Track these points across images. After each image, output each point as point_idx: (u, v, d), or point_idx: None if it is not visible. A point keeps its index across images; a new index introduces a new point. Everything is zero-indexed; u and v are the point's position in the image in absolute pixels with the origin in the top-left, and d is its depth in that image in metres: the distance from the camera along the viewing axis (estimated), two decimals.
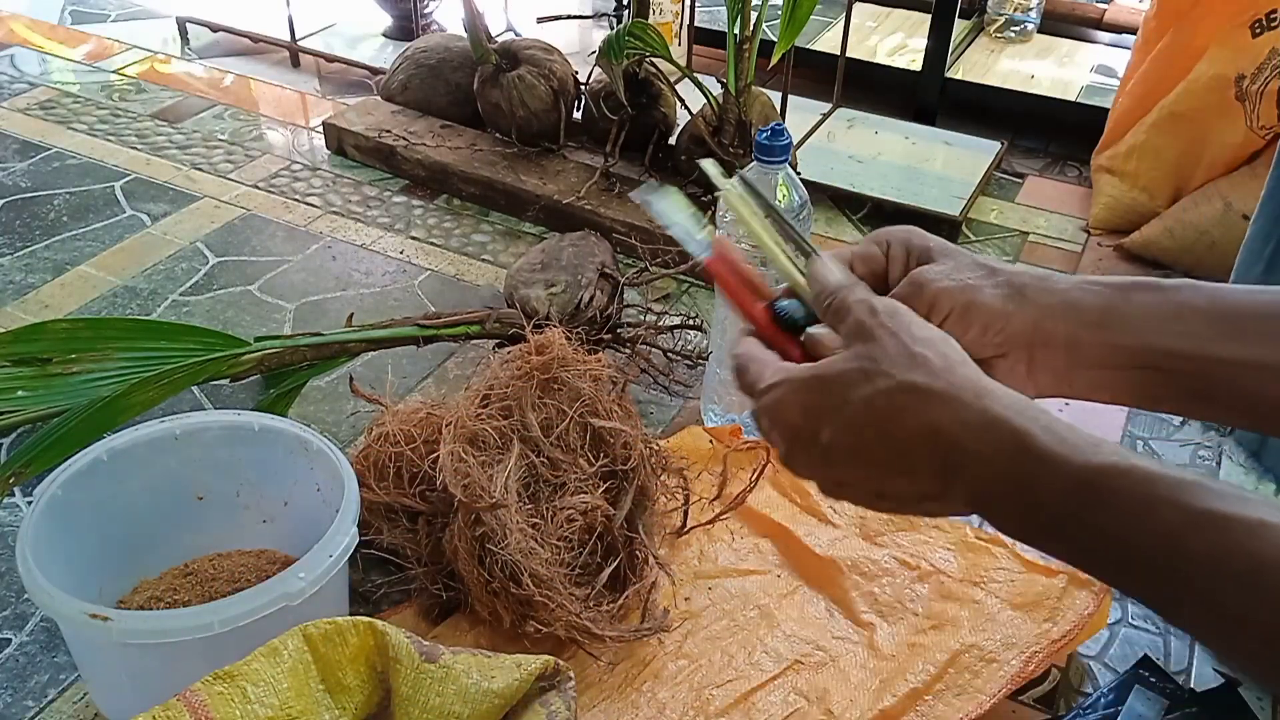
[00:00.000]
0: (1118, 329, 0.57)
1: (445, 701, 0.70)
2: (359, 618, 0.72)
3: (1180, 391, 0.58)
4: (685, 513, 1.03)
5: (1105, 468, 0.46)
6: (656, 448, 0.99)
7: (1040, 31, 2.08)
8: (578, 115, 1.68)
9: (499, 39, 1.70)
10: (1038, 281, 0.59)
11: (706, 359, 1.19)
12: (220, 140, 1.76)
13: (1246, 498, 0.44)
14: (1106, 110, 1.65)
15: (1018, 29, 2.06)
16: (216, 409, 1.18)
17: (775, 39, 1.45)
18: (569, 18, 1.76)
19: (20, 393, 1.03)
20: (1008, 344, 0.58)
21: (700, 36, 1.87)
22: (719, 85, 1.45)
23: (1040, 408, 0.50)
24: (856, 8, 1.86)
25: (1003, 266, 0.59)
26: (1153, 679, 0.91)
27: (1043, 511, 0.47)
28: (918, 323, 0.53)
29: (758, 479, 1.06)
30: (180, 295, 1.39)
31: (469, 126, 1.70)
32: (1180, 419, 1.14)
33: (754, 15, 1.38)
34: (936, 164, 1.71)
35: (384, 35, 2.15)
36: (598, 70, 1.50)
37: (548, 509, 0.89)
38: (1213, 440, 1.18)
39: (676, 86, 1.59)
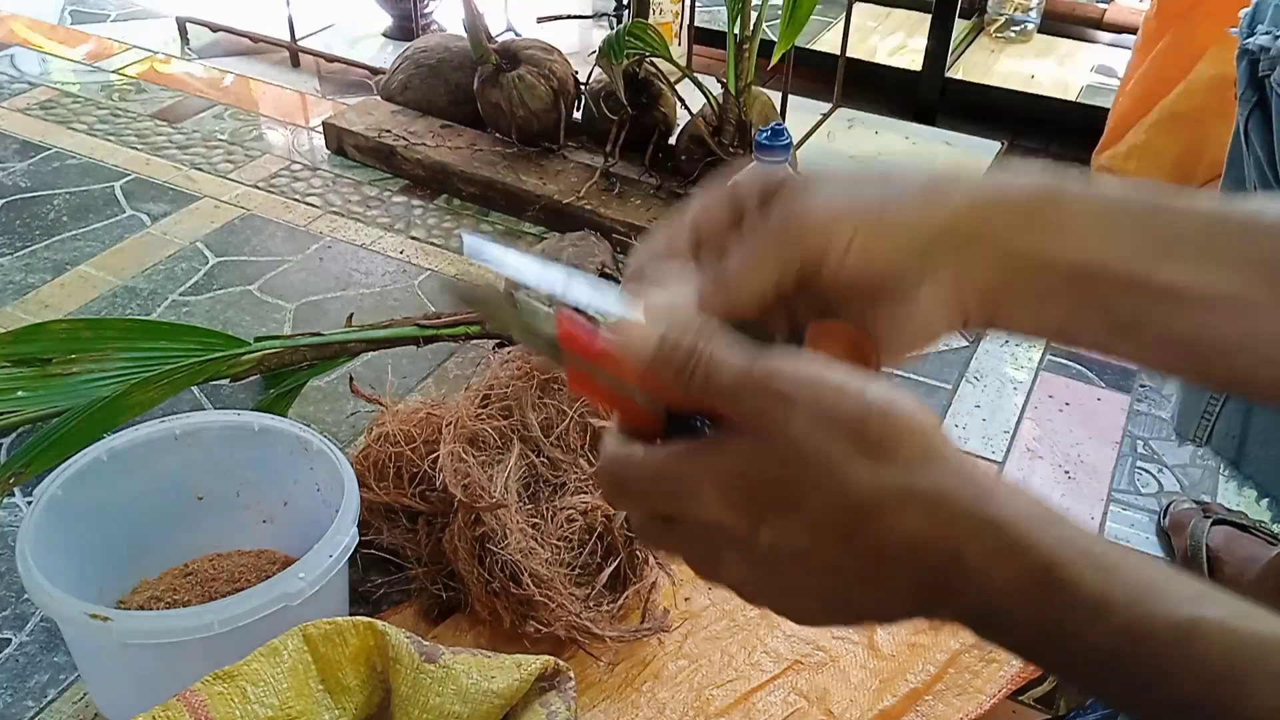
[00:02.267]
0: (1048, 232, 0.42)
1: (445, 701, 0.70)
2: (359, 618, 0.72)
3: (1103, 322, 0.43)
4: None
5: (1175, 628, 0.35)
6: None
7: (1040, 31, 2.08)
8: (578, 115, 1.68)
9: (499, 39, 1.70)
10: (952, 174, 0.43)
11: None
12: (220, 140, 1.76)
13: None
14: (1106, 110, 1.65)
15: (1018, 29, 2.06)
16: (216, 409, 1.18)
17: (775, 39, 1.45)
18: (569, 18, 1.76)
19: (20, 393, 1.03)
20: (931, 256, 0.41)
21: (700, 36, 1.87)
22: (719, 85, 1.45)
23: (1062, 514, 0.36)
24: (856, 8, 1.86)
25: (894, 171, 0.43)
26: None
27: (1077, 666, 0.36)
28: (853, 386, 0.36)
29: None
30: (180, 295, 1.39)
31: (469, 126, 1.69)
32: (1171, 424, 1.14)
33: (754, 15, 1.38)
34: (936, 164, 1.71)
35: (384, 35, 2.15)
36: (598, 70, 1.50)
37: (548, 509, 0.89)
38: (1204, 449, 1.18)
39: (676, 86, 1.59)
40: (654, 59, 1.52)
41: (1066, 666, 0.36)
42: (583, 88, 1.64)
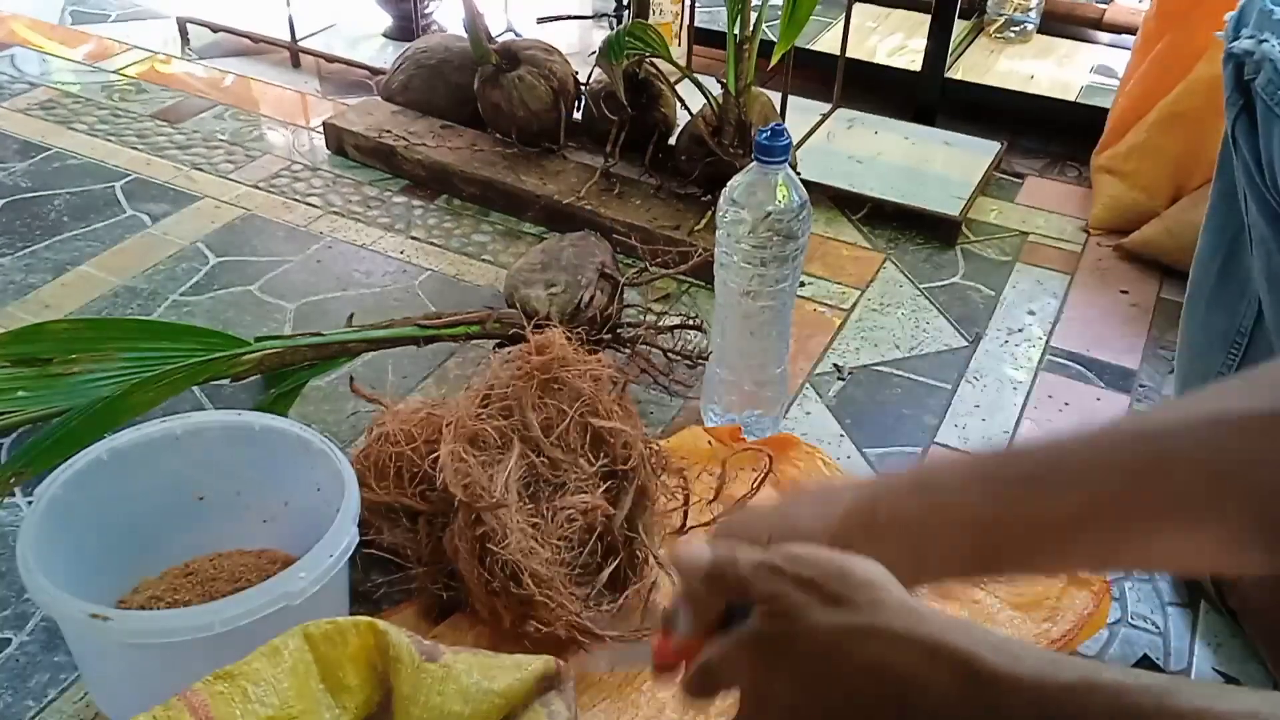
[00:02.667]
0: (932, 490, 0.56)
1: (446, 701, 0.70)
2: (360, 617, 0.72)
3: (1009, 555, 0.55)
4: (685, 513, 1.03)
5: (1071, 685, 0.42)
6: (656, 448, 0.99)
7: (1040, 31, 2.08)
8: (578, 115, 1.68)
9: (499, 39, 1.70)
10: (856, 483, 0.60)
11: (706, 359, 1.19)
12: (220, 140, 1.77)
13: (1233, 692, 0.41)
14: (1106, 110, 1.65)
15: (1017, 29, 2.06)
16: (217, 409, 1.18)
17: (775, 39, 1.45)
18: (569, 18, 1.76)
19: (20, 393, 1.03)
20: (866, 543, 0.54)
21: (700, 36, 1.87)
22: (719, 85, 1.45)
23: (984, 627, 0.47)
24: (856, 8, 1.86)
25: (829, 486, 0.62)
26: None
27: None
28: (822, 556, 0.50)
29: (759, 486, 1.06)
30: (180, 295, 1.39)
31: (469, 126, 1.70)
32: None
33: (754, 15, 1.38)
34: (936, 164, 1.71)
35: (384, 35, 2.15)
36: (598, 70, 1.50)
37: (548, 509, 0.90)
38: None
39: (676, 87, 1.59)
40: (654, 59, 1.52)
41: None
42: (583, 88, 1.64)
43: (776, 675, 0.49)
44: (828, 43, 2.04)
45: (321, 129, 1.74)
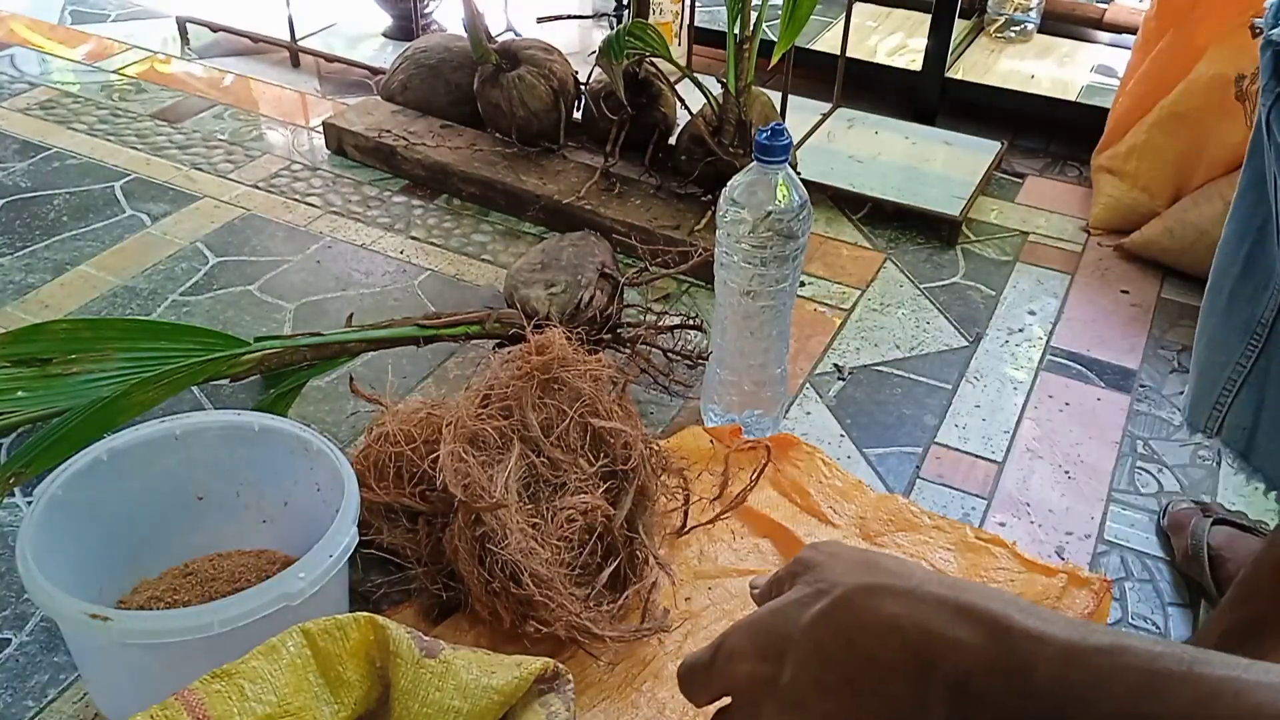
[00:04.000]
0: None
1: (445, 696, 0.70)
2: (359, 613, 0.72)
3: None
4: (685, 513, 1.03)
5: (1103, 646, 0.42)
6: (656, 448, 0.99)
7: (1040, 31, 2.08)
8: (578, 115, 1.68)
9: (499, 39, 1.70)
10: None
11: (706, 359, 1.19)
12: (220, 140, 1.76)
13: (1261, 664, 0.40)
14: (1106, 110, 1.65)
15: (1018, 29, 2.06)
16: (216, 409, 1.18)
17: (775, 39, 1.45)
18: (569, 18, 1.76)
19: (20, 393, 1.03)
20: None
21: (700, 36, 1.87)
22: (719, 85, 1.45)
23: (1013, 595, 0.46)
24: (856, 8, 1.86)
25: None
26: None
27: (1037, 700, 0.43)
28: (859, 548, 0.50)
29: (758, 478, 1.06)
30: (180, 295, 1.39)
31: (469, 126, 1.70)
32: (1182, 414, 1.14)
33: (754, 15, 1.38)
34: (936, 164, 1.71)
35: (384, 35, 2.15)
36: (598, 70, 1.50)
37: (548, 509, 0.89)
38: (1213, 440, 1.18)
39: (676, 86, 1.59)
40: (654, 59, 1.52)
41: (1025, 713, 0.43)
42: (583, 88, 1.64)
43: (785, 645, 0.48)
44: (828, 42, 2.04)
45: (321, 129, 1.74)
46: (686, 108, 1.54)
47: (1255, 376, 0.93)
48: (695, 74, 1.47)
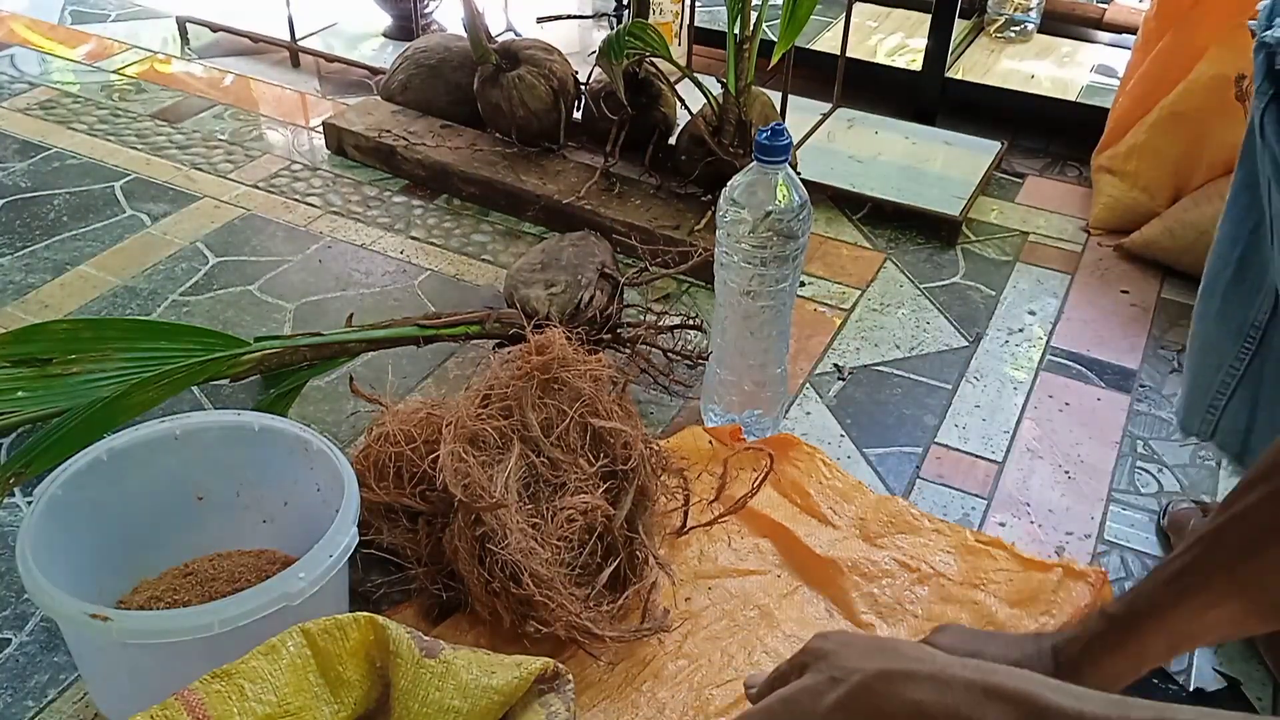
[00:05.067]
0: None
1: (444, 696, 0.70)
2: (359, 613, 0.72)
3: None
4: (685, 513, 1.03)
5: (1150, 713, 0.41)
6: (656, 448, 0.99)
7: (1040, 31, 2.08)
8: (578, 115, 1.68)
9: (499, 39, 1.70)
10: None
11: (706, 359, 1.19)
12: (220, 140, 1.76)
13: None
14: (1106, 110, 1.65)
15: (1018, 29, 2.06)
16: (216, 409, 1.18)
17: (775, 39, 1.45)
18: (569, 18, 1.76)
19: (20, 393, 1.03)
20: None
21: (700, 36, 1.87)
22: (719, 85, 1.45)
23: (1039, 675, 0.44)
24: (856, 8, 1.86)
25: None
26: (1153, 679, 0.91)
27: None
28: (870, 635, 0.50)
29: (760, 484, 1.06)
30: (180, 295, 1.39)
31: (469, 126, 1.70)
32: (1176, 418, 1.13)
33: (754, 15, 1.38)
34: (936, 164, 1.71)
35: (384, 35, 2.15)
36: (598, 70, 1.50)
37: (548, 509, 0.89)
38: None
39: (676, 86, 1.59)
40: (654, 59, 1.52)
41: None
42: (583, 88, 1.64)
43: None
44: (828, 42, 2.04)
45: (321, 129, 1.74)
46: (686, 108, 1.54)
47: (1249, 379, 0.93)
48: (695, 74, 1.47)
